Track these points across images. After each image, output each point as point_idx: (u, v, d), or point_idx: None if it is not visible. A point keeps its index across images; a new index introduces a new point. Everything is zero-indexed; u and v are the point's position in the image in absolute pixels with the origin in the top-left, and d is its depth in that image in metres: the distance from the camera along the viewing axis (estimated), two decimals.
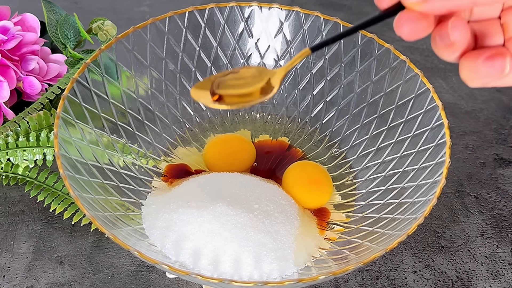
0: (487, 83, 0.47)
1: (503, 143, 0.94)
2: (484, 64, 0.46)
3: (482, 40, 0.49)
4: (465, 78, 0.47)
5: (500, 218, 0.83)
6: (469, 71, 0.47)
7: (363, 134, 0.80)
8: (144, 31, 0.77)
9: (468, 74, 0.47)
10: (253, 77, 0.58)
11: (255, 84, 0.57)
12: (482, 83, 0.47)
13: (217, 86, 0.58)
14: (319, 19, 0.80)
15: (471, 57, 0.47)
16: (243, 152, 0.80)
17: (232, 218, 0.66)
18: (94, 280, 0.74)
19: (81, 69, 0.71)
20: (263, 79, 0.57)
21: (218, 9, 0.81)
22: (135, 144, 0.77)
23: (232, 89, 0.58)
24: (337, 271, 0.57)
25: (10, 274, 0.74)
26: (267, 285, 0.55)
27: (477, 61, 0.46)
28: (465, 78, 0.47)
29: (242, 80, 0.59)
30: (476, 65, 0.46)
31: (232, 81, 0.58)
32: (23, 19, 0.88)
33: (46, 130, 0.82)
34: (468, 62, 0.47)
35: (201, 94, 0.57)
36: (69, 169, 0.63)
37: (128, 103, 0.77)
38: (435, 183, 0.65)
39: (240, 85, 0.58)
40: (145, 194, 0.74)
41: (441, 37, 0.47)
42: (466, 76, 0.47)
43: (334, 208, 0.76)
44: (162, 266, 0.56)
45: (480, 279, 0.76)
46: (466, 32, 0.46)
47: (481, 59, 0.46)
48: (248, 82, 0.58)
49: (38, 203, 0.82)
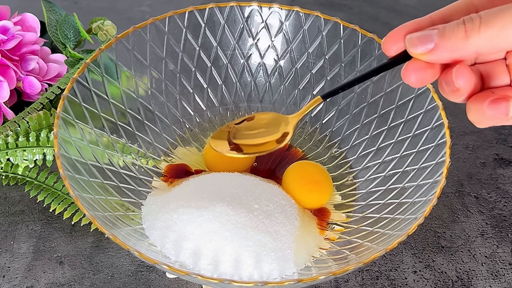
0: (494, 124, 0.49)
1: (503, 143, 0.94)
2: (489, 108, 0.47)
3: (489, 81, 0.50)
4: (472, 120, 0.49)
5: (500, 218, 0.83)
6: (475, 114, 0.48)
7: (363, 134, 0.80)
8: (144, 31, 0.77)
9: (474, 117, 0.49)
10: (267, 125, 0.64)
11: (270, 134, 0.64)
12: (488, 124, 0.49)
13: (234, 136, 0.64)
14: (319, 19, 0.81)
15: (477, 100, 0.48)
16: None
17: (232, 218, 0.66)
18: (94, 280, 0.74)
19: (81, 69, 0.71)
20: (277, 129, 0.63)
21: (218, 9, 0.81)
22: (135, 144, 0.77)
23: (248, 139, 0.64)
24: (337, 271, 0.57)
25: (10, 274, 0.74)
26: (267, 285, 0.55)
27: (482, 104, 0.48)
28: (472, 120, 0.49)
29: (257, 129, 0.64)
30: (482, 109, 0.48)
31: (248, 131, 0.64)
32: (23, 19, 0.88)
33: (46, 130, 0.82)
34: (474, 106, 0.48)
35: (219, 144, 0.64)
36: (69, 169, 0.63)
37: (128, 103, 0.77)
38: (435, 183, 0.65)
39: (256, 134, 0.64)
40: (145, 194, 0.74)
41: (447, 83, 0.48)
42: (473, 118, 0.49)
43: (334, 208, 0.76)
44: (162, 266, 0.56)
45: (480, 279, 0.76)
46: (470, 78, 0.48)
47: (486, 103, 0.48)
48: (263, 132, 0.64)
49: (38, 203, 0.82)
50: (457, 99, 0.49)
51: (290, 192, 0.75)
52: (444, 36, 0.46)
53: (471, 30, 0.45)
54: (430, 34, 0.47)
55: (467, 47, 0.46)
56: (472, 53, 0.46)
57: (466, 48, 0.46)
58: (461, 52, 0.46)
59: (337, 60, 0.81)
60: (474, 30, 0.45)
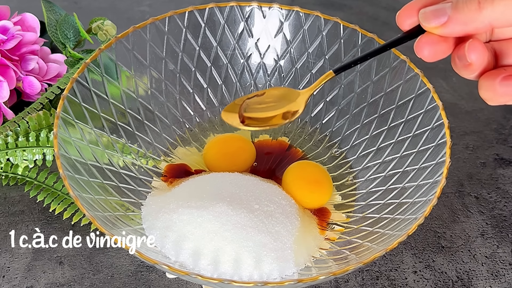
0: (506, 101, 0.48)
1: (504, 143, 0.94)
2: (501, 84, 0.47)
3: (503, 59, 0.51)
4: (483, 97, 0.49)
5: (500, 218, 0.83)
6: (487, 91, 0.48)
7: (363, 134, 0.80)
8: (144, 31, 0.77)
9: (486, 94, 0.49)
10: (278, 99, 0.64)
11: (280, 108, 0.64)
12: (500, 101, 0.49)
13: (245, 110, 0.64)
14: (319, 19, 0.81)
15: (489, 77, 0.48)
16: (243, 151, 0.80)
17: (232, 218, 0.66)
18: (93, 280, 0.74)
19: (80, 69, 0.71)
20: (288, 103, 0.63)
21: (218, 9, 0.81)
22: (135, 144, 0.77)
23: (258, 112, 0.64)
24: (337, 271, 0.57)
25: (10, 274, 0.74)
26: (267, 285, 0.55)
27: (494, 81, 0.48)
28: (484, 97, 0.49)
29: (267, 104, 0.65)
30: (494, 85, 0.48)
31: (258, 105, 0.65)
32: (23, 19, 0.88)
33: (46, 130, 0.82)
34: (486, 82, 0.48)
35: (230, 116, 0.64)
36: (68, 169, 0.63)
37: (128, 103, 0.77)
38: (436, 183, 0.65)
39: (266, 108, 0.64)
40: (145, 194, 0.74)
41: (460, 58, 0.49)
42: (484, 95, 0.49)
43: (334, 208, 0.76)
44: (162, 266, 0.56)
45: (480, 279, 0.76)
46: (483, 53, 0.48)
47: (498, 79, 0.48)
48: (273, 106, 0.64)
49: (37, 203, 0.82)
50: (469, 75, 0.49)
51: (290, 192, 0.75)
52: (457, 8, 0.46)
53: (485, 2, 0.45)
54: (443, 7, 0.47)
55: (480, 19, 0.46)
56: (485, 26, 0.46)
57: (479, 20, 0.46)
58: (474, 24, 0.46)
59: (337, 60, 0.81)
60: (488, 2, 0.45)
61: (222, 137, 0.83)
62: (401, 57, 0.75)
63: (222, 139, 0.83)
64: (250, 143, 0.82)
